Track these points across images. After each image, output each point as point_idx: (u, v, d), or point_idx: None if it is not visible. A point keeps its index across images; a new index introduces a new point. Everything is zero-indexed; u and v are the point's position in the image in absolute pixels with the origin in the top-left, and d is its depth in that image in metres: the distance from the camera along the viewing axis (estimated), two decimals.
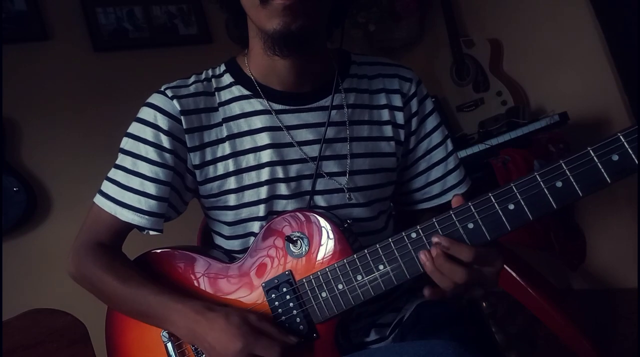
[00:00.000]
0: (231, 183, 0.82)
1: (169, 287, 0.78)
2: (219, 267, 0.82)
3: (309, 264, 0.75)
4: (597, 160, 0.58)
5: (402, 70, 0.91)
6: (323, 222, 0.75)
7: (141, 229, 0.82)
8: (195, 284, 0.82)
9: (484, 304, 1.79)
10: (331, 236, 0.75)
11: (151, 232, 0.82)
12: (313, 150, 0.83)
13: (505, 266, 1.70)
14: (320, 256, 0.75)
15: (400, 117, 0.89)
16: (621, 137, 0.57)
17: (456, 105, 2.34)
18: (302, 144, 0.83)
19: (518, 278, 1.66)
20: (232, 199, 0.83)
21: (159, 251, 0.86)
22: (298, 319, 0.75)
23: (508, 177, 1.61)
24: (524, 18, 2.11)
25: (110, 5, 2.07)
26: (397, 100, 0.89)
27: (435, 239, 0.65)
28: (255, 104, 0.83)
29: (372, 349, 0.84)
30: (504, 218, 0.63)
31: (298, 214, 0.78)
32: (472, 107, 2.26)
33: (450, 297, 0.69)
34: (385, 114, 0.88)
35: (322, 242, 0.75)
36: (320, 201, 0.83)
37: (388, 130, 0.88)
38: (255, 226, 0.83)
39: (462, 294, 0.69)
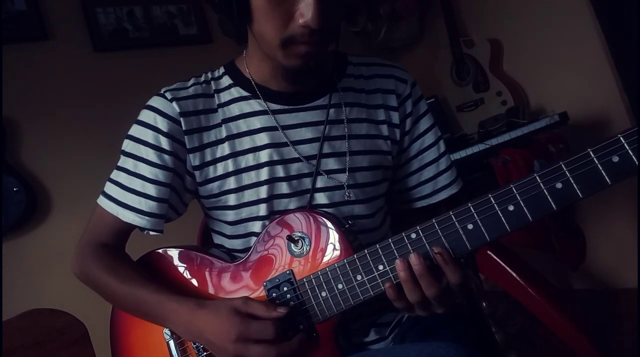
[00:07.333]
0: (231, 183, 0.83)
1: (168, 287, 0.79)
2: (220, 267, 0.82)
3: (310, 263, 0.75)
4: (597, 162, 0.58)
5: (398, 71, 0.92)
6: (325, 222, 0.76)
7: (142, 229, 0.83)
8: (197, 283, 0.83)
9: (484, 304, 1.79)
10: (332, 236, 0.75)
11: (152, 233, 0.83)
12: (312, 149, 0.83)
13: (505, 265, 1.71)
14: (321, 256, 0.75)
15: (395, 117, 0.89)
16: (621, 138, 0.56)
17: (456, 105, 2.34)
18: (300, 142, 0.83)
19: (518, 278, 1.66)
20: (232, 199, 0.83)
21: (161, 250, 0.87)
22: (298, 319, 0.75)
23: (508, 177, 1.61)
24: (524, 18, 2.11)
25: (110, 5, 2.07)
26: (392, 101, 0.90)
27: (437, 249, 0.65)
28: (254, 105, 0.84)
29: (374, 350, 0.84)
30: (503, 219, 0.63)
31: (300, 213, 0.78)
32: (472, 107, 2.26)
33: (409, 312, 0.69)
34: (381, 114, 0.89)
35: (323, 242, 0.75)
36: (322, 198, 0.83)
37: (384, 130, 0.89)
38: (256, 226, 0.83)
39: (424, 312, 0.68)
